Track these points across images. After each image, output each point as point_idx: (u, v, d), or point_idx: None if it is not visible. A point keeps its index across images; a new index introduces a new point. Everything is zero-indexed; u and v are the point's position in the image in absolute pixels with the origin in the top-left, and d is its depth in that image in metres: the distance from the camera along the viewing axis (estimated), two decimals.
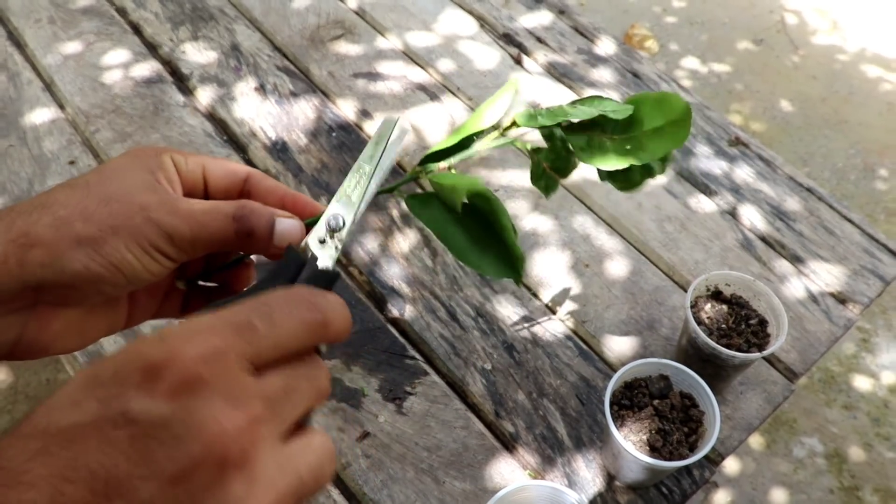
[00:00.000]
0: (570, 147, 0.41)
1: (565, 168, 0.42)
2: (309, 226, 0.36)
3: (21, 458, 0.21)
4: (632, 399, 0.64)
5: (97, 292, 0.33)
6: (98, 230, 0.32)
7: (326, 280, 0.32)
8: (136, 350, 0.24)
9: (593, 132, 0.41)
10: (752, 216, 0.90)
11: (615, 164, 0.40)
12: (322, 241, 0.34)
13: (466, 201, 0.40)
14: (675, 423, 0.63)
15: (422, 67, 1.07)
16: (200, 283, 0.40)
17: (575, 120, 0.41)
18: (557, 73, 1.07)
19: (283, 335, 0.26)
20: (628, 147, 0.40)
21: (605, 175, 0.42)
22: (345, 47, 1.09)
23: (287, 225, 0.35)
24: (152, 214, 0.33)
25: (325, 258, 0.34)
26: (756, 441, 1.44)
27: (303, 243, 0.34)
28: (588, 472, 0.69)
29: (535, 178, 0.43)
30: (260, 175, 0.38)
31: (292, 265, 0.32)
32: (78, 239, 0.31)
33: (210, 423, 0.22)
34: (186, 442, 0.22)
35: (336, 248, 0.34)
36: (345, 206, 0.35)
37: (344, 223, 0.35)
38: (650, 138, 0.40)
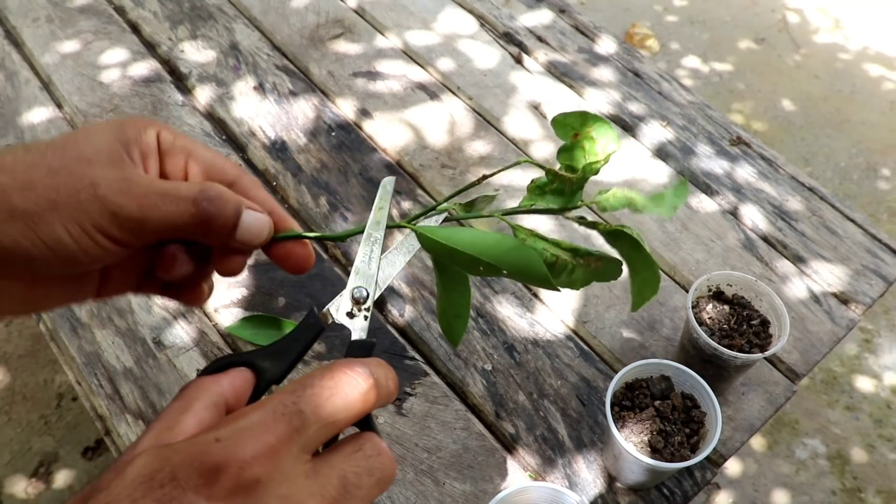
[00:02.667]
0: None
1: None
2: (278, 240, 0.35)
3: None
4: (633, 400, 0.64)
5: (29, 270, 0.30)
6: (35, 204, 0.29)
7: (364, 350, 0.33)
8: (192, 451, 0.24)
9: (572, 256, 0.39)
10: (753, 216, 0.89)
11: (577, 286, 0.39)
12: (350, 315, 0.34)
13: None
14: (677, 425, 0.62)
15: (421, 66, 1.06)
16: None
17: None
18: (558, 72, 1.06)
19: (330, 414, 0.26)
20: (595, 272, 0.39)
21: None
22: (344, 46, 1.08)
23: (255, 219, 0.33)
24: (100, 191, 0.30)
25: (358, 329, 0.34)
26: (758, 442, 1.43)
27: (325, 309, 0.34)
28: (589, 474, 0.68)
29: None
30: (250, 182, 0.35)
31: (312, 329, 0.32)
32: (11, 211, 0.29)
33: None
34: None
35: (365, 317, 0.34)
36: (364, 276, 0.35)
37: (367, 294, 0.35)
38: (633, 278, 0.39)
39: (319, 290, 0.80)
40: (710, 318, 0.69)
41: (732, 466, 1.40)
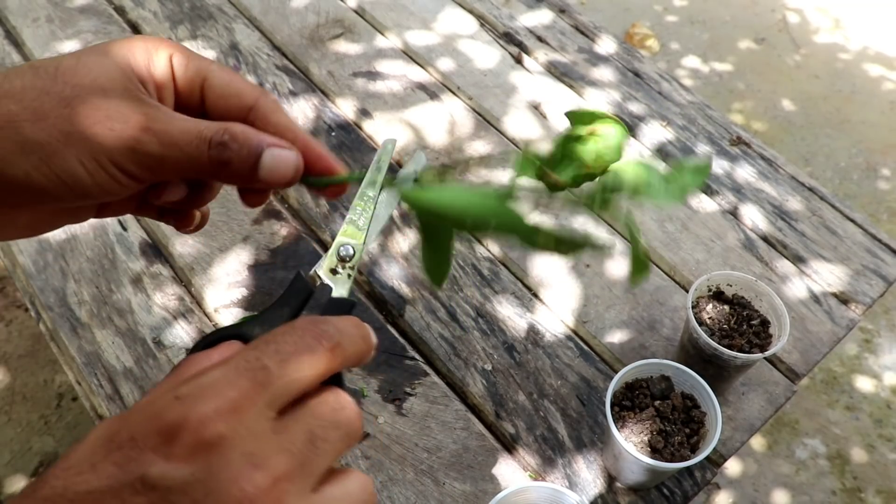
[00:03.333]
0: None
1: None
2: (317, 186, 0.33)
3: None
4: (633, 400, 0.64)
5: (40, 202, 0.30)
6: (49, 136, 0.28)
7: (342, 309, 0.31)
8: (152, 408, 0.23)
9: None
10: (753, 216, 0.89)
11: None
12: (334, 272, 0.33)
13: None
14: (677, 425, 0.62)
15: (421, 66, 1.06)
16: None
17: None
18: (558, 72, 1.06)
19: (295, 370, 0.25)
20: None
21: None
22: (344, 46, 1.08)
23: (278, 156, 0.31)
24: (117, 125, 0.28)
25: (339, 287, 0.33)
26: (758, 442, 1.43)
27: (311, 272, 0.33)
28: (589, 474, 0.68)
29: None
30: (272, 104, 0.33)
31: (300, 293, 0.31)
32: (23, 143, 0.27)
33: (230, 486, 0.21)
34: None
35: (349, 276, 0.33)
36: (353, 234, 0.34)
37: (354, 251, 0.34)
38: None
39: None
40: (710, 318, 0.69)
41: (732, 466, 1.40)
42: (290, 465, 0.23)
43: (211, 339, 0.30)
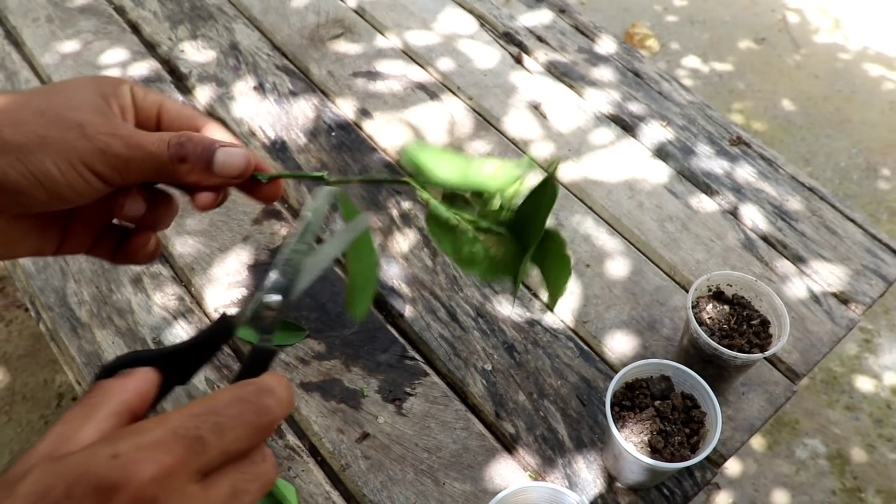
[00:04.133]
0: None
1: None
2: (264, 180, 0.37)
3: None
4: (633, 400, 0.64)
5: (15, 203, 0.32)
6: (25, 138, 0.31)
7: (265, 357, 0.32)
8: (88, 467, 0.23)
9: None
10: (753, 216, 0.89)
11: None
12: (259, 318, 0.34)
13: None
14: (677, 424, 0.62)
15: (421, 66, 1.06)
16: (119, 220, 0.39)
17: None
18: (558, 72, 1.06)
19: (231, 442, 0.26)
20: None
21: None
22: (344, 46, 1.08)
23: (230, 153, 0.35)
24: (88, 131, 0.32)
25: (263, 334, 0.33)
26: (758, 442, 1.43)
27: (238, 313, 0.34)
28: (589, 474, 0.68)
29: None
30: (217, 128, 0.38)
31: (222, 335, 0.32)
32: (2, 145, 0.30)
33: None
34: None
35: (273, 322, 0.34)
36: (280, 282, 0.34)
37: (281, 299, 0.34)
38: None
39: (319, 289, 0.80)
40: (710, 318, 0.69)
41: (732, 466, 1.40)
42: None
43: (127, 359, 0.31)
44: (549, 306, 0.37)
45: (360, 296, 0.37)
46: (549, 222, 0.37)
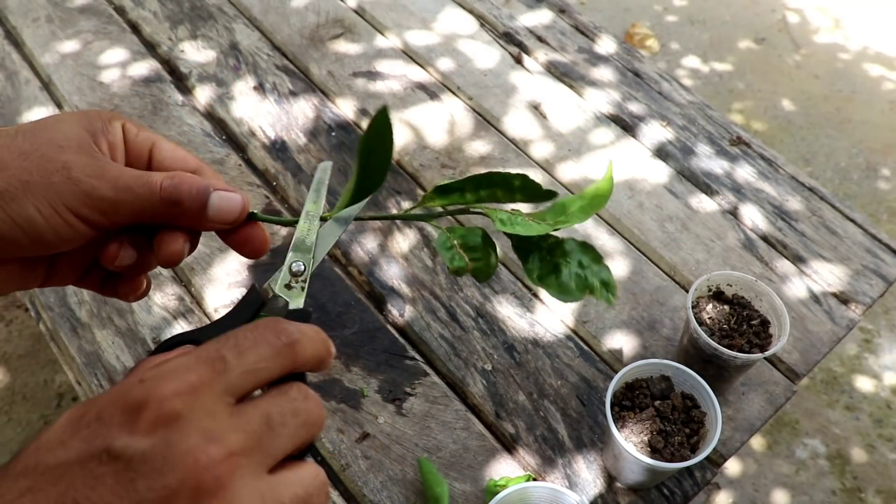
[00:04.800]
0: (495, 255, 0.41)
1: (486, 270, 0.41)
2: (262, 221, 0.37)
3: (12, 496, 0.22)
4: (633, 400, 0.64)
5: None
6: (7, 185, 0.30)
7: (300, 319, 0.33)
8: (118, 391, 0.25)
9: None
10: (753, 216, 0.89)
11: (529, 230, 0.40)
12: (288, 287, 0.35)
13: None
14: (677, 424, 0.62)
15: (421, 66, 1.06)
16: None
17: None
18: (558, 72, 1.06)
19: (253, 362, 0.27)
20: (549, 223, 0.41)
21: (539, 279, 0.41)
22: (344, 46, 1.08)
23: (226, 197, 0.35)
24: (73, 174, 0.31)
25: (295, 300, 0.35)
26: (758, 442, 1.43)
27: (267, 285, 0.35)
28: (589, 474, 0.68)
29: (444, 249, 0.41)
30: (211, 173, 0.37)
31: (253, 304, 0.34)
32: None
33: (185, 456, 0.23)
34: (164, 473, 0.23)
35: (302, 289, 0.35)
36: (302, 251, 0.37)
37: (305, 267, 0.36)
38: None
39: (319, 289, 0.80)
40: (710, 318, 0.69)
41: (732, 466, 1.40)
42: (245, 442, 0.25)
43: (171, 343, 0.32)
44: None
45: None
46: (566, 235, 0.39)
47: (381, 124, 0.34)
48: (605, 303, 0.39)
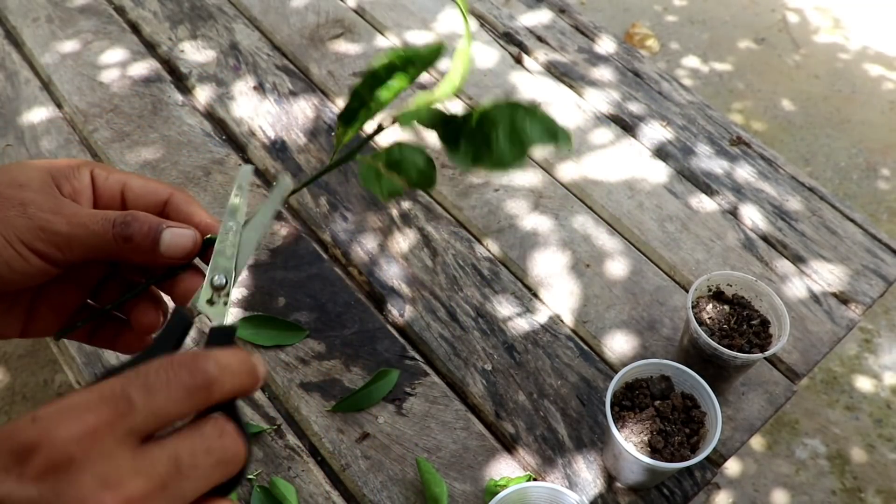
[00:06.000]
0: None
1: (423, 177, 0.37)
2: (209, 244, 0.36)
3: None
4: (633, 400, 0.64)
5: None
6: None
7: (224, 336, 0.32)
8: (7, 430, 0.23)
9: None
10: (753, 216, 0.89)
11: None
12: (210, 302, 0.34)
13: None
14: (677, 424, 0.62)
15: None
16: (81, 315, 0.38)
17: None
18: (558, 72, 1.06)
19: (162, 405, 0.25)
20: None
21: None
22: (344, 46, 1.08)
23: (177, 233, 0.34)
24: (29, 209, 0.32)
25: (218, 316, 0.34)
26: (758, 442, 1.43)
27: (191, 304, 0.34)
28: (589, 474, 0.68)
29: (367, 182, 0.38)
30: (183, 198, 0.37)
31: (179, 326, 0.32)
32: None
33: None
34: None
35: (224, 303, 0.35)
36: (223, 264, 0.36)
37: (227, 280, 0.35)
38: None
39: (319, 290, 0.80)
40: (710, 318, 0.69)
41: (732, 466, 1.40)
42: (147, 487, 0.23)
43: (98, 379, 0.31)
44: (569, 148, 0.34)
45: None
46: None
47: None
48: (563, 148, 0.34)
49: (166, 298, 0.38)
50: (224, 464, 0.26)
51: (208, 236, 0.36)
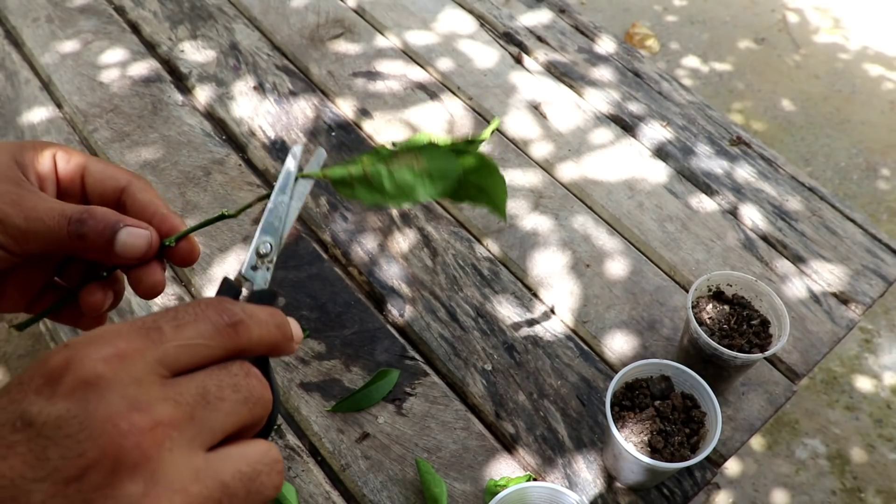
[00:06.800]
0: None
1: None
2: (168, 245, 0.36)
3: None
4: (633, 400, 0.64)
5: None
6: None
7: (264, 299, 0.33)
8: (41, 358, 0.23)
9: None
10: (753, 216, 0.89)
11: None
12: (254, 268, 0.35)
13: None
14: (677, 424, 0.62)
15: (421, 66, 1.06)
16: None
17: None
18: (558, 72, 1.06)
19: (191, 336, 0.25)
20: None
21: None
22: (344, 46, 1.08)
23: (133, 233, 0.34)
24: None
25: (260, 281, 0.35)
26: (758, 442, 1.43)
27: (237, 274, 0.35)
28: (589, 474, 0.68)
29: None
30: (140, 186, 0.37)
31: (228, 295, 0.33)
32: None
33: (105, 423, 0.22)
34: (81, 441, 0.21)
35: (267, 269, 0.36)
36: (270, 233, 0.37)
37: (272, 248, 0.36)
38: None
39: (319, 290, 0.80)
40: (710, 318, 0.69)
41: (732, 466, 1.40)
42: (175, 414, 0.23)
43: None
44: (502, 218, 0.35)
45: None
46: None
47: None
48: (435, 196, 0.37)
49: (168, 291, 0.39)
50: (251, 403, 0.26)
51: (165, 240, 0.36)
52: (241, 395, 0.25)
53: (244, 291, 0.34)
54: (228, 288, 0.33)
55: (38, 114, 0.97)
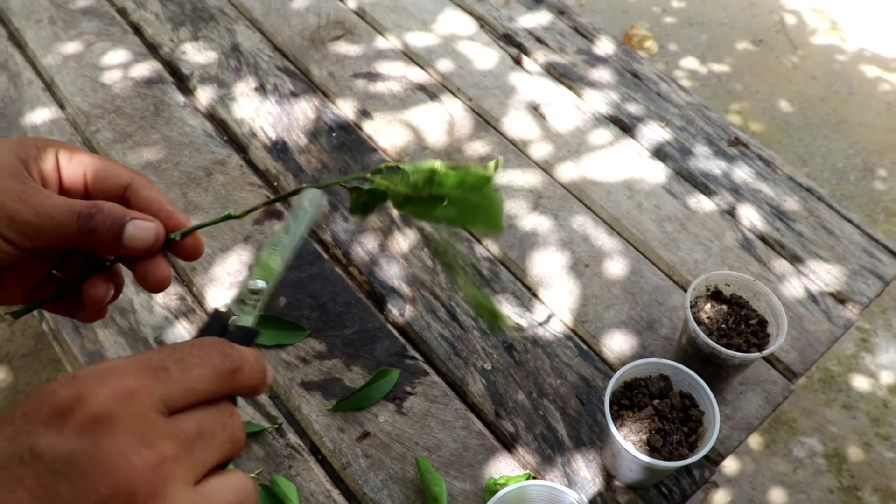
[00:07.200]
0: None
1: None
2: (177, 239, 0.37)
3: None
4: (632, 399, 0.64)
5: None
6: None
7: (245, 336, 0.33)
8: (48, 389, 0.24)
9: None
10: (751, 216, 0.90)
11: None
12: (242, 302, 0.36)
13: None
14: (675, 423, 0.63)
15: (421, 68, 1.07)
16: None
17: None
18: (557, 73, 1.07)
19: (194, 379, 0.26)
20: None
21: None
22: (345, 47, 1.09)
23: (140, 226, 0.35)
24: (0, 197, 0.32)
25: (246, 317, 0.35)
26: (755, 441, 1.44)
27: (227, 306, 0.35)
28: (588, 472, 0.69)
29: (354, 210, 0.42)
30: (143, 183, 0.37)
31: (216, 326, 0.34)
32: None
33: (119, 460, 0.22)
34: (93, 477, 0.22)
35: (254, 307, 0.36)
36: (265, 273, 0.37)
37: (263, 286, 0.36)
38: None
39: (320, 289, 0.81)
40: (708, 318, 0.70)
41: (730, 465, 1.40)
42: (178, 450, 0.24)
43: None
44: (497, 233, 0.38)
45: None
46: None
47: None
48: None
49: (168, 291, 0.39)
50: (234, 441, 0.27)
51: (170, 235, 0.37)
52: (227, 434, 0.27)
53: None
54: (217, 320, 0.34)
55: (40, 115, 0.98)
